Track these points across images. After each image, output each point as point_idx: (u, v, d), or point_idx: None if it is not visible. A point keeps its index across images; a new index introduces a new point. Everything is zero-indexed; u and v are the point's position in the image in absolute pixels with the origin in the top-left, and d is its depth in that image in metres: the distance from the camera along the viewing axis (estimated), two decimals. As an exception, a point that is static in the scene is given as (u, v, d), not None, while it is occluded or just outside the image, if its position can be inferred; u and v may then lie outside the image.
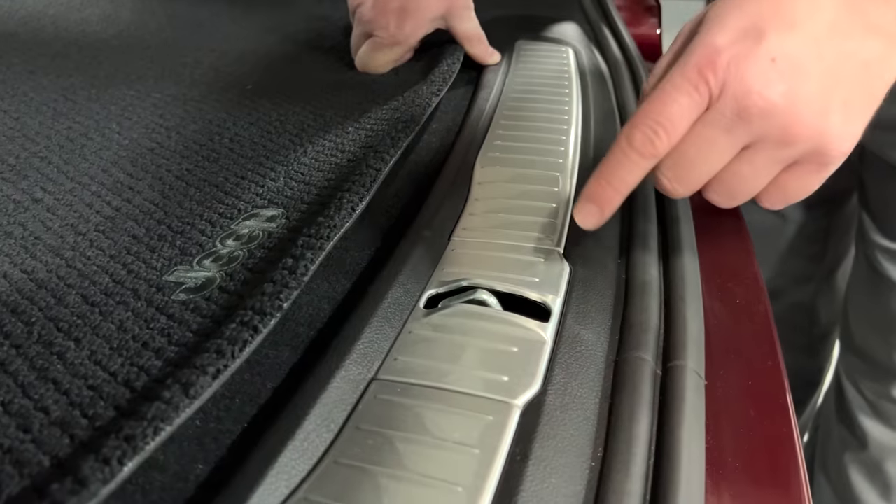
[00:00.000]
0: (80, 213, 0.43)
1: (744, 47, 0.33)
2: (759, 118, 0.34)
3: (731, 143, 0.35)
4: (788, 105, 0.33)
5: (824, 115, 0.34)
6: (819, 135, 0.34)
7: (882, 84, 0.34)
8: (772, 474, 0.36)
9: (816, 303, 0.91)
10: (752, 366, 0.42)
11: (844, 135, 0.34)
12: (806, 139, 0.34)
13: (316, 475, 0.28)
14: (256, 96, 0.60)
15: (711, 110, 0.34)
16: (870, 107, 0.34)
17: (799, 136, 0.34)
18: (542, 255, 0.41)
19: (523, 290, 0.38)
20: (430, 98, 0.53)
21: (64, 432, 0.27)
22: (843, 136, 0.34)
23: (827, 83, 0.33)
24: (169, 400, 0.26)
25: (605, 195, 0.37)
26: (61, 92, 0.61)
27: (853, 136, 0.34)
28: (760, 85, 0.33)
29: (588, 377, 0.34)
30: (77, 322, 0.33)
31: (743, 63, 0.33)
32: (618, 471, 0.29)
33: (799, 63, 0.33)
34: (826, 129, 0.34)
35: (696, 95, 0.34)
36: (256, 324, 0.30)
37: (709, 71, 0.34)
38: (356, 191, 0.40)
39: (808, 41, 0.33)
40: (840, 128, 0.34)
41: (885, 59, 0.34)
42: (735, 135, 0.34)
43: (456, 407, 0.31)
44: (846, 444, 0.82)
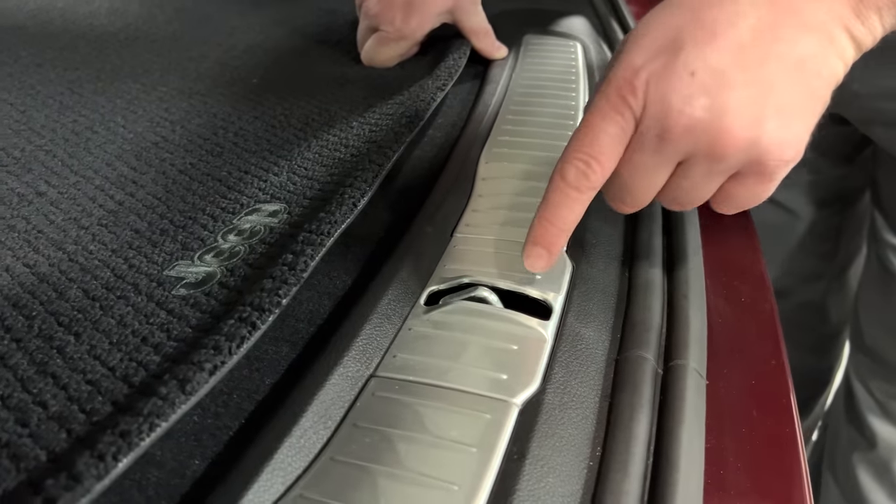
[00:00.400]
0: (83, 206, 0.43)
1: (661, 63, 0.32)
2: (683, 136, 0.32)
3: (662, 163, 0.34)
4: (713, 119, 0.32)
5: (756, 124, 0.32)
6: (752, 145, 0.32)
7: (822, 82, 0.32)
8: (773, 475, 0.36)
9: (827, 302, 0.90)
10: (755, 365, 0.41)
11: (783, 142, 0.32)
12: (738, 151, 0.32)
13: (312, 472, 0.28)
14: (262, 90, 0.60)
15: (637, 134, 0.33)
16: (812, 107, 0.33)
17: (729, 148, 0.32)
18: None
19: (525, 288, 0.38)
20: (434, 93, 0.53)
21: (61, 427, 0.27)
22: (781, 144, 0.32)
23: (755, 90, 0.32)
24: (165, 396, 0.26)
25: (549, 236, 0.36)
26: (67, 85, 0.61)
27: (796, 141, 0.32)
28: (680, 101, 0.32)
29: (588, 376, 0.34)
30: (77, 316, 0.33)
31: (661, 80, 0.32)
32: (616, 470, 0.29)
33: (721, 73, 0.32)
34: (760, 138, 0.32)
35: (621, 121, 0.33)
36: (255, 320, 0.30)
37: (628, 93, 0.33)
38: (358, 186, 0.40)
39: (730, 49, 0.32)
40: (777, 135, 0.32)
41: (821, 56, 0.32)
42: (664, 154, 0.33)
43: (454, 405, 0.31)
44: (854, 444, 0.82)
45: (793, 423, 0.38)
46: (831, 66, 0.33)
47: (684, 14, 0.33)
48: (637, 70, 0.33)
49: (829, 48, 0.32)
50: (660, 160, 0.34)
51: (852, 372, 0.83)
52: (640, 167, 0.34)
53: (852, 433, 0.82)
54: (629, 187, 0.35)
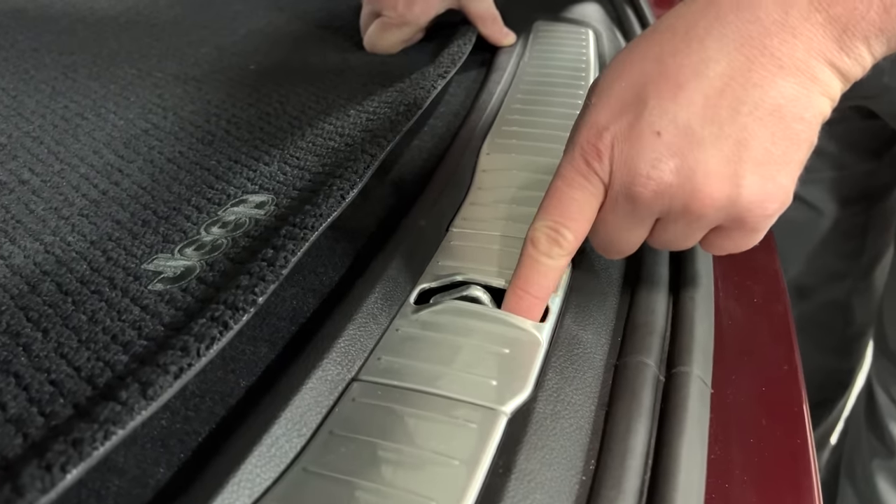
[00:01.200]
0: (65, 196, 0.42)
1: (625, 123, 0.30)
2: (654, 200, 0.30)
3: (637, 223, 0.32)
4: (684, 181, 0.30)
5: (733, 181, 0.29)
6: (731, 204, 0.30)
7: (805, 125, 0.29)
8: (782, 489, 0.33)
9: (851, 302, 0.87)
10: (766, 370, 0.39)
11: (766, 196, 0.30)
12: (716, 210, 0.30)
13: (282, 484, 0.26)
14: (259, 77, 0.58)
15: (608, 198, 0.32)
16: (795, 154, 0.30)
17: (706, 209, 0.30)
18: None
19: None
20: (435, 80, 0.51)
21: (18, 431, 0.25)
22: (764, 199, 0.30)
23: (729, 145, 0.29)
24: (125, 401, 0.25)
25: (525, 305, 0.34)
26: (62, 70, 0.60)
27: (780, 193, 0.30)
28: (647, 166, 0.30)
29: (584, 382, 0.32)
30: (47, 312, 0.32)
31: (626, 143, 0.30)
32: (610, 487, 0.27)
33: (689, 130, 0.29)
34: (739, 196, 0.30)
35: (588, 186, 0.32)
36: (227, 319, 0.28)
37: (593, 158, 0.31)
38: (347, 178, 0.38)
39: (698, 102, 0.29)
40: (758, 190, 0.30)
41: (802, 98, 0.29)
42: (638, 216, 0.32)
43: (438, 413, 0.29)
44: (875, 451, 0.79)
45: (805, 434, 0.36)
46: (815, 106, 0.30)
47: (649, 64, 0.31)
48: (601, 131, 0.31)
49: (812, 87, 0.29)
50: (634, 221, 0.32)
51: (874, 377, 0.80)
52: (616, 227, 0.33)
53: (872, 440, 0.79)
54: (609, 242, 0.34)
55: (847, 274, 0.86)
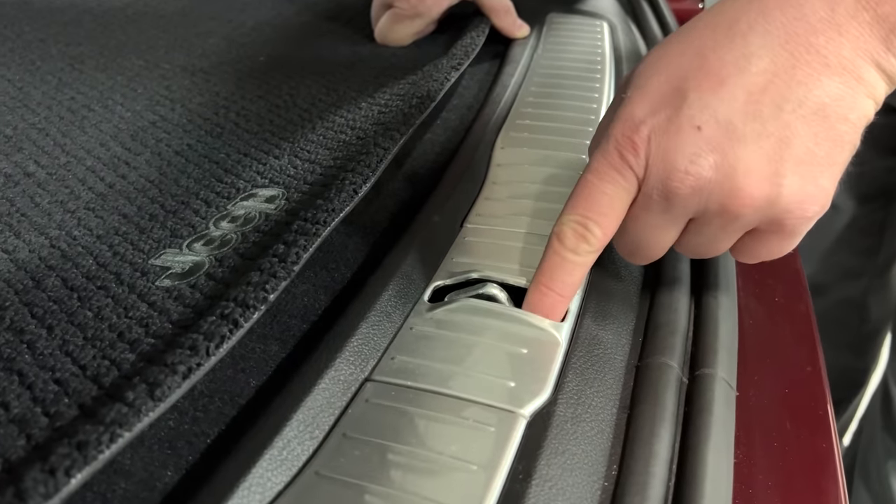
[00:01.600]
0: (71, 189, 0.41)
1: (664, 117, 0.29)
2: (691, 197, 0.29)
3: (671, 222, 0.31)
4: (723, 178, 0.29)
5: (773, 181, 0.28)
6: (770, 204, 0.29)
7: (849, 126, 0.29)
8: (807, 495, 0.32)
9: (867, 300, 0.85)
10: (789, 372, 0.38)
11: (806, 198, 0.29)
12: (754, 210, 0.29)
13: (294, 489, 0.25)
14: (268, 69, 0.57)
15: (642, 194, 0.31)
16: (838, 156, 0.29)
17: (745, 208, 0.29)
18: None
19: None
20: (448, 72, 0.50)
21: (21, 432, 0.25)
22: (803, 201, 0.29)
23: (770, 143, 0.28)
24: (131, 402, 0.24)
25: (548, 303, 0.32)
26: (69, 61, 0.59)
27: (821, 195, 0.29)
28: (685, 161, 0.29)
29: (605, 384, 0.30)
30: (52, 308, 0.31)
31: (664, 137, 0.29)
32: (634, 493, 0.26)
33: (730, 126, 0.28)
34: (779, 196, 0.29)
35: (621, 181, 0.30)
36: (237, 317, 0.27)
37: (629, 151, 0.30)
38: (360, 172, 0.37)
39: (740, 98, 0.28)
40: (798, 191, 0.28)
41: (847, 98, 0.28)
42: (672, 214, 0.30)
43: (455, 415, 0.28)
44: (890, 451, 0.78)
45: (830, 437, 0.35)
46: (860, 107, 0.29)
47: (689, 57, 0.30)
48: (637, 125, 0.30)
49: (857, 88, 0.28)
50: (668, 219, 0.31)
51: (891, 378, 0.79)
52: (648, 226, 0.31)
53: (888, 441, 0.78)
54: (638, 244, 0.33)
55: (863, 272, 0.85)
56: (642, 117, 0.30)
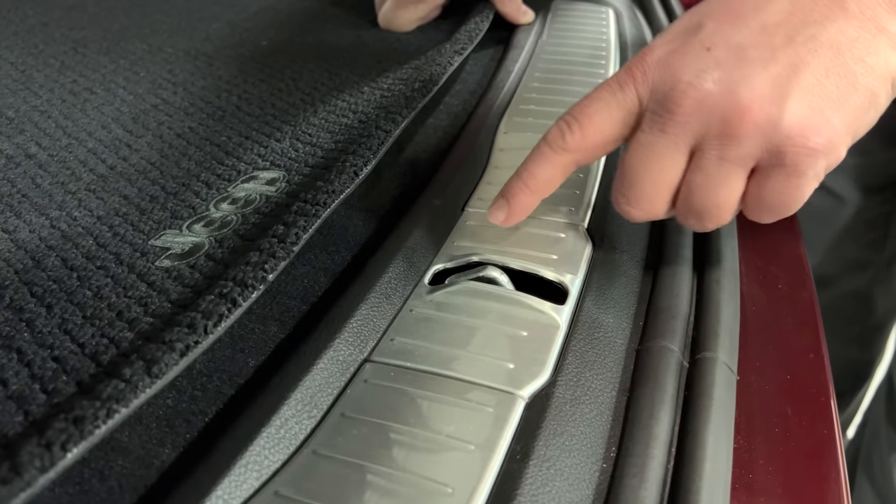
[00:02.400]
0: (72, 170, 0.41)
1: (678, 42, 0.30)
2: (692, 111, 0.29)
3: (671, 147, 0.30)
4: (725, 92, 0.28)
5: (776, 101, 0.28)
6: (771, 125, 0.28)
7: (866, 69, 0.28)
8: (808, 481, 0.32)
9: (873, 292, 0.85)
10: (791, 359, 0.38)
11: (808, 126, 0.28)
12: (754, 130, 0.28)
13: (291, 467, 0.25)
14: (271, 53, 0.57)
15: (645, 113, 0.31)
16: (851, 96, 0.28)
17: (745, 126, 0.28)
18: (563, 230, 0.37)
19: (539, 269, 0.34)
20: (451, 57, 0.50)
21: (19, 408, 0.25)
22: (805, 128, 0.28)
23: (779, 68, 0.28)
24: (129, 378, 0.24)
25: (513, 187, 0.34)
26: (72, 45, 0.59)
27: (827, 129, 0.28)
28: (690, 73, 0.29)
29: (605, 367, 0.30)
30: (52, 287, 0.31)
31: (673, 56, 0.30)
32: (632, 475, 0.26)
33: (740, 50, 0.29)
34: (780, 118, 0.28)
35: (618, 92, 0.31)
36: (236, 296, 0.27)
37: (636, 68, 0.31)
38: (361, 154, 0.37)
39: (754, 29, 0.29)
40: (802, 117, 0.28)
41: (863, 41, 0.28)
42: (672, 135, 0.30)
43: (453, 396, 0.28)
44: (894, 446, 0.78)
45: (832, 424, 0.35)
46: (882, 55, 0.28)
47: (714, 2, 0.31)
48: (652, 50, 0.31)
49: (878, 35, 0.28)
50: (668, 142, 0.30)
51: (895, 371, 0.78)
52: (647, 149, 0.31)
53: (892, 434, 0.78)
54: (637, 174, 0.31)
55: (869, 264, 0.84)
56: (658, 45, 0.31)
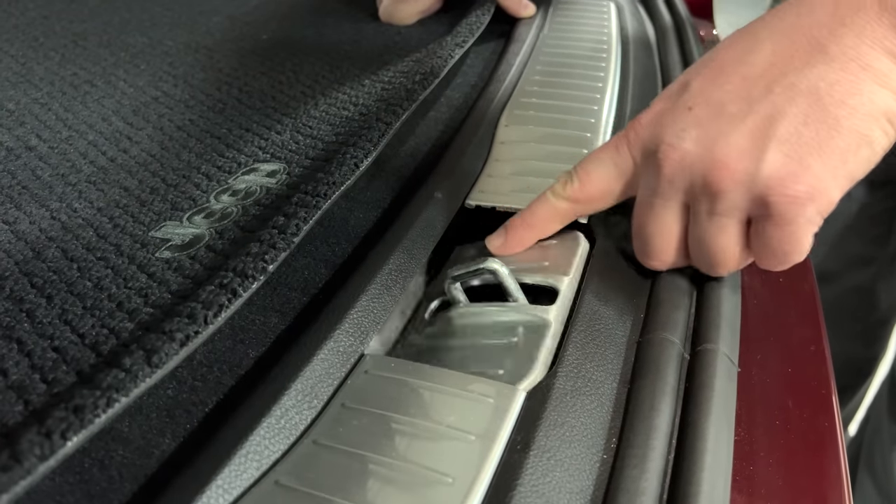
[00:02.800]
0: (72, 162, 0.41)
1: (667, 104, 0.32)
2: (676, 170, 0.31)
3: (665, 205, 0.32)
4: (704, 151, 0.30)
5: (754, 154, 0.29)
6: (750, 177, 0.29)
7: (848, 111, 0.28)
8: (809, 473, 0.32)
9: (876, 288, 0.84)
10: (793, 351, 0.38)
11: (787, 174, 0.28)
12: (736, 184, 0.29)
13: (291, 457, 0.25)
14: (271, 46, 0.57)
15: (640, 173, 0.33)
16: (834, 140, 0.28)
17: (724, 182, 0.29)
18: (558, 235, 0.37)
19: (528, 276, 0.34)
20: (453, 50, 0.50)
21: (19, 398, 0.25)
22: (785, 177, 0.28)
23: (756, 120, 0.29)
24: (128, 368, 0.24)
25: (513, 220, 0.36)
26: (72, 38, 0.59)
27: (808, 176, 0.28)
28: (672, 134, 0.31)
29: (606, 359, 0.30)
30: (52, 278, 0.31)
31: (660, 117, 0.32)
32: (633, 466, 0.25)
33: (719, 105, 0.30)
34: (758, 171, 0.28)
35: (614, 153, 0.33)
36: (236, 287, 0.27)
37: (631, 130, 0.33)
38: (361, 146, 0.37)
39: (735, 83, 0.30)
40: (779, 167, 0.28)
41: (844, 83, 0.28)
42: (665, 195, 0.32)
43: (453, 387, 0.28)
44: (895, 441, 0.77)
45: (832, 416, 0.35)
46: (866, 94, 0.28)
47: (703, 60, 0.32)
48: (646, 111, 0.33)
49: (861, 75, 0.28)
50: (662, 201, 0.32)
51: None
52: (646, 208, 0.33)
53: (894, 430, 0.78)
54: (642, 231, 0.34)
55: (873, 260, 0.83)
56: (651, 107, 0.33)
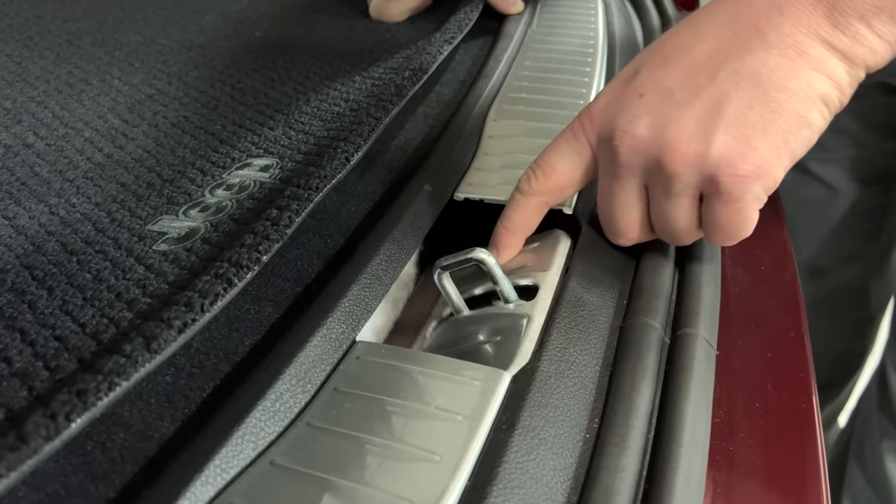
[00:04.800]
0: (69, 159, 0.42)
1: (618, 91, 0.33)
2: (630, 156, 0.32)
3: (625, 188, 0.34)
4: (655, 136, 0.31)
5: (703, 137, 0.30)
6: (700, 159, 0.30)
7: (788, 95, 0.30)
8: (787, 453, 0.33)
9: (867, 284, 0.85)
10: (773, 337, 0.39)
11: (736, 155, 0.30)
12: (687, 166, 0.31)
13: (286, 438, 0.26)
14: (264, 44, 0.58)
15: (598, 159, 0.34)
16: (777, 122, 0.30)
17: (676, 164, 0.31)
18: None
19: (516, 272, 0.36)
20: (441, 46, 0.51)
21: (24, 384, 0.25)
22: (734, 157, 0.30)
23: (703, 105, 0.31)
24: (129, 354, 0.25)
25: (496, 232, 0.37)
26: (66, 37, 0.60)
27: (754, 157, 0.30)
28: (625, 121, 0.32)
29: (588, 343, 0.31)
30: (52, 270, 0.32)
31: (613, 105, 0.33)
32: (613, 444, 0.27)
33: (668, 92, 0.31)
34: (707, 152, 0.30)
35: (573, 141, 0.35)
36: (231, 276, 0.28)
37: (585, 117, 0.34)
38: (352, 141, 0.38)
39: (682, 70, 0.32)
40: (728, 148, 0.30)
41: (783, 68, 0.30)
42: (623, 178, 0.33)
43: (442, 371, 0.29)
44: (885, 432, 0.79)
45: (810, 399, 0.36)
46: (804, 79, 0.30)
47: (651, 47, 0.34)
48: (598, 99, 0.34)
49: (799, 61, 0.30)
50: (621, 185, 0.34)
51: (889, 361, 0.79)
52: (606, 191, 0.35)
53: (884, 422, 0.79)
54: (608, 216, 0.35)
55: (864, 255, 0.84)
56: (602, 94, 0.34)
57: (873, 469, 0.81)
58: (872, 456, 0.81)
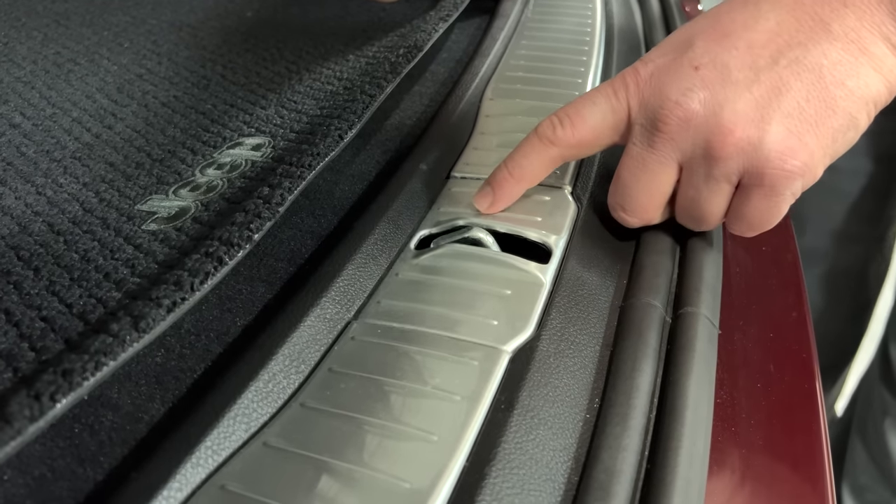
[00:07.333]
0: (57, 139, 0.41)
1: (669, 59, 0.31)
2: (678, 129, 0.30)
3: (660, 161, 0.32)
4: (710, 114, 0.30)
5: (759, 125, 0.29)
6: (752, 148, 0.29)
7: (846, 92, 0.29)
8: (789, 433, 0.33)
9: (867, 266, 0.85)
10: (775, 317, 0.38)
11: (787, 149, 0.29)
12: (737, 152, 0.30)
13: (279, 419, 0.25)
14: (256, 23, 0.57)
15: (635, 125, 0.32)
16: (829, 119, 0.29)
17: (727, 147, 0.29)
18: (548, 193, 0.38)
19: (524, 230, 0.35)
20: (436, 24, 0.50)
21: (8, 365, 0.25)
22: (784, 152, 0.29)
23: (762, 91, 0.29)
24: (116, 333, 0.24)
25: (498, 175, 0.35)
26: (54, 17, 0.58)
27: (804, 153, 0.29)
28: (677, 93, 0.30)
29: (589, 322, 0.31)
30: (39, 251, 0.31)
31: (663, 72, 0.31)
32: (615, 424, 0.26)
33: (726, 70, 0.30)
34: (761, 141, 0.29)
35: (612, 98, 0.32)
36: (222, 255, 0.28)
37: (630, 78, 0.32)
38: (345, 118, 0.37)
39: (740, 48, 0.30)
40: (781, 140, 0.29)
41: (845, 64, 0.29)
42: (660, 151, 0.31)
43: (439, 350, 0.28)
44: (887, 408, 0.78)
45: (813, 379, 0.36)
46: (863, 78, 0.29)
47: (706, 19, 0.32)
48: (646, 62, 0.32)
49: (860, 57, 0.29)
50: (656, 157, 0.32)
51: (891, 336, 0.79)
52: (637, 162, 0.32)
53: (886, 398, 0.79)
54: (628, 184, 0.33)
55: (863, 238, 0.84)
56: (652, 58, 0.32)
57: (875, 445, 0.81)
58: (874, 432, 0.81)
